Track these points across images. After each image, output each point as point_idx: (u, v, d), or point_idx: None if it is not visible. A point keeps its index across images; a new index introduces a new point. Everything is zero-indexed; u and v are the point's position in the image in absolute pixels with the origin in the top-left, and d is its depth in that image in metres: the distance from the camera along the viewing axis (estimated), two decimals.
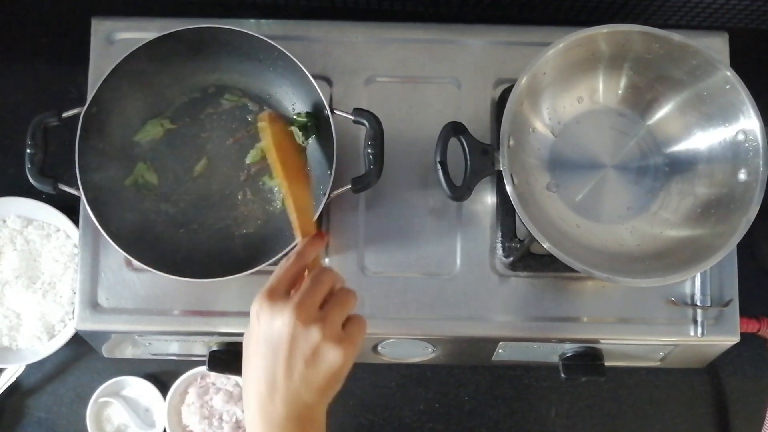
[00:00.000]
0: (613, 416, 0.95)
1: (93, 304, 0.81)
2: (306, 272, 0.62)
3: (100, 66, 0.83)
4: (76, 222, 0.88)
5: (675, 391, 0.96)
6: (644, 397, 0.96)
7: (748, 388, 0.96)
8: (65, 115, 0.75)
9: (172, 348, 0.89)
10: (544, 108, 0.79)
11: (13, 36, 0.99)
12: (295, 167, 0.70)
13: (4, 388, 0.93)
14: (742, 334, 0.82)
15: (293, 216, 0.66)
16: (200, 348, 0.88)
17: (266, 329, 0.58)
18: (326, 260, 0.82)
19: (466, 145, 0.73)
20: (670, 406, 0.95)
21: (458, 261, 0.82)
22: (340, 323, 0.59)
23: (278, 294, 0.59)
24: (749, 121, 0.72)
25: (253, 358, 0.59)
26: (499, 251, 0.82)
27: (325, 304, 0.59)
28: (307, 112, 0.80)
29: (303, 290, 0.59)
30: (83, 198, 0.74)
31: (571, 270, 0.70)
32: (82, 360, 0.95)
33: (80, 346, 0.91)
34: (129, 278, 0.82)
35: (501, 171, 0.71)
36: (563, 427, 0.95)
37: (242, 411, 0.91)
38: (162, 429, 0.92)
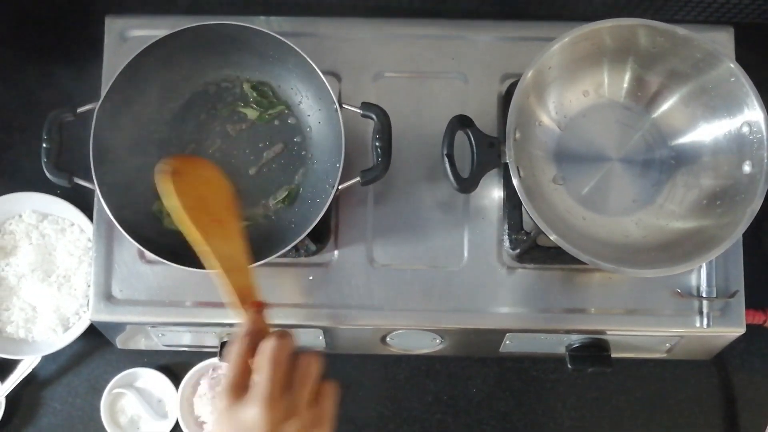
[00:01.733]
0: (620, 408, 0.96)
1: (107, 296, 0.83)
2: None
3: (113, 63, 0.85)
4: (90, 217, 0.90)
5: (682, 383, 0.96)
6: (652, 389, 0.96)
7: (755, 380, 0.96)
8: (80, 110, 0.76)
9: (185, 339, 0.90)
10: (550, 102, 0.80)
11: (29, 35, 1.01)
12: (218, 215, 0.63)
13: (21, 379, 0.95)
14: (749, 326, 0.82)
15: (224, 280, 0.61)
16: (212, 339, 0.89)
17: (238, 429, 0.55)
18: (335, 253, 0.84)
19: (472, 138, 0.74)
20: (677, 398, 0.96)
21: (466, 253, 0.83)
22: (310, 402, 0.57)
23: (241, 388, 0.56)
24: (754, 113, 0.73)
25: None
26: (506, 243, 0.83)
27: (289, 381, 0.56)
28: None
29: (264, 379, 0.55)
30: (97, 191, 0.75)
31: (578, 261, 0.70)
32: (96, 352, 0.97)
33: (94, 338, 0.93)
34: (142, 270, 0.83)
35: (507, 164, 0.72)
36: (571, 419, 0.96)
37: None
38: (174, 420, 0.94)
